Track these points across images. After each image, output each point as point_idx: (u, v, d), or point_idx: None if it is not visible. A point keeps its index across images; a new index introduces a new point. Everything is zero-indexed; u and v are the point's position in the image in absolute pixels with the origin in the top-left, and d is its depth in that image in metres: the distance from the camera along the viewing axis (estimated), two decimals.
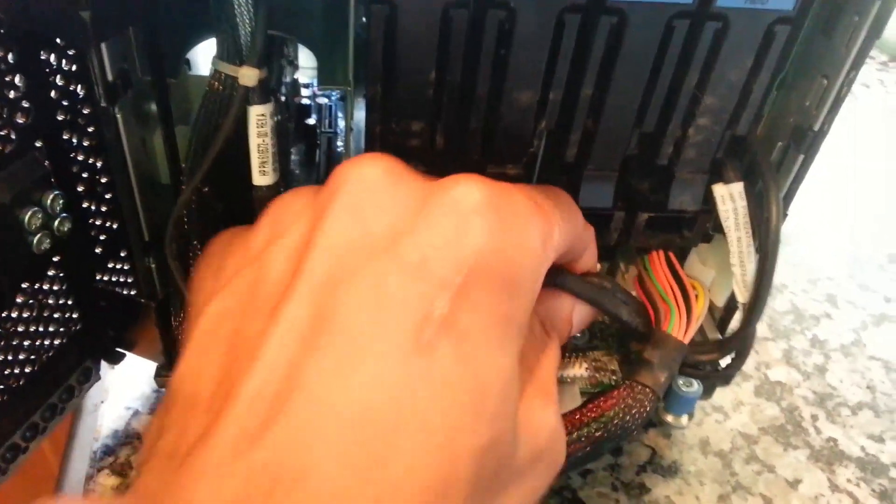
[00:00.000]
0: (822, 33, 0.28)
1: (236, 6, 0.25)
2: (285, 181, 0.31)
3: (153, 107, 0.28)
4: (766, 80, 0.28)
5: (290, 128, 0.44)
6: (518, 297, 0.20)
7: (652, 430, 0.38)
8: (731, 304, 0.35)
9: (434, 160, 0.29)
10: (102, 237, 0.29)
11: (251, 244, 0.21)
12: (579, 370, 0.38)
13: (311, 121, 0.45)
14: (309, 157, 0.46)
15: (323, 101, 0.47)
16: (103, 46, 0.23)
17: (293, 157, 0.44)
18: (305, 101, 0.46)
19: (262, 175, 0.29)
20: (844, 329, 0.45)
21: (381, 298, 0.18)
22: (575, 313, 0.28)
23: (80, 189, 0.27)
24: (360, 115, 0.29)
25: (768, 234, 0.30)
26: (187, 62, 0.32)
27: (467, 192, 0.20)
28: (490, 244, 0.19)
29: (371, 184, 0.20)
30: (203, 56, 0.32)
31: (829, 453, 0.38)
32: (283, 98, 0.37)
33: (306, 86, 0.46)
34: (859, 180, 0.59)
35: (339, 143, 0.46)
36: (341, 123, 0.47)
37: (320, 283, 0.18)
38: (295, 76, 0.41)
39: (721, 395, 0.40)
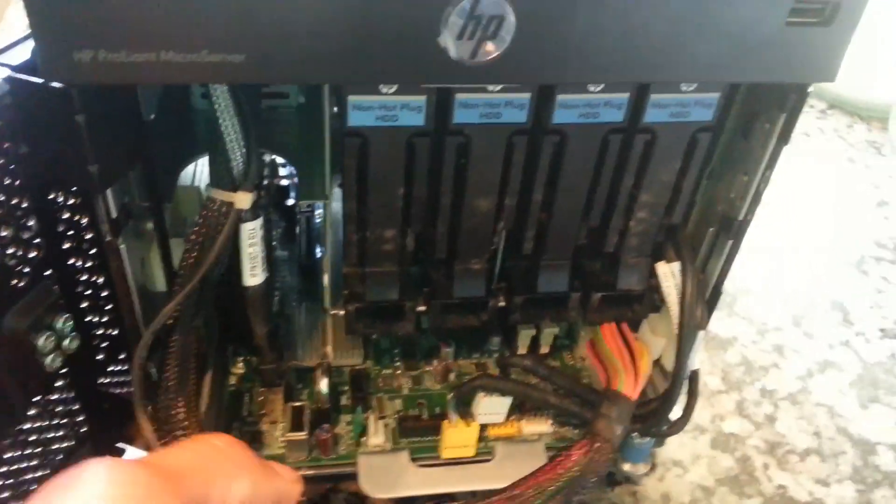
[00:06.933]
0: (741, 136, 0.32)
1: (227, 138, 0.28)
2: (271, 270, 0.34)
3: (149, 225, 0.31)
4: (693, 178, 0.32)
5: (271, 213, 0.47)
6: None
7: (618, 488, 0.41)
8: None
9: (405, 261, 0.33)
10: (104, 345, 0.31)
11: None
12: (545, 427, 0.41)
13: (290, 201, 0.48)
14: (289, 234, 0.49)
15: None
16: (108, 191, 0.26)
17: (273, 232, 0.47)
18: (284, 182, 0.48)
19: (252, 277, 0.32)
20: (791, 378, 0.49)
21: None
22: None
23: (83, 305, 0.30)
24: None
25: (683, 305, 0.33)
26: None
27: None
28: None
29: None
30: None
31: (779, 500, 0.41)
32: (264, 182, 0.39)
33: (284, 165, 0.48)
34: (801, 228, 0.63)
35: (317, 220, 0.49)
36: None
37: None
38: (272, 157, 0.42)
39: (680, 449, 0.43)
